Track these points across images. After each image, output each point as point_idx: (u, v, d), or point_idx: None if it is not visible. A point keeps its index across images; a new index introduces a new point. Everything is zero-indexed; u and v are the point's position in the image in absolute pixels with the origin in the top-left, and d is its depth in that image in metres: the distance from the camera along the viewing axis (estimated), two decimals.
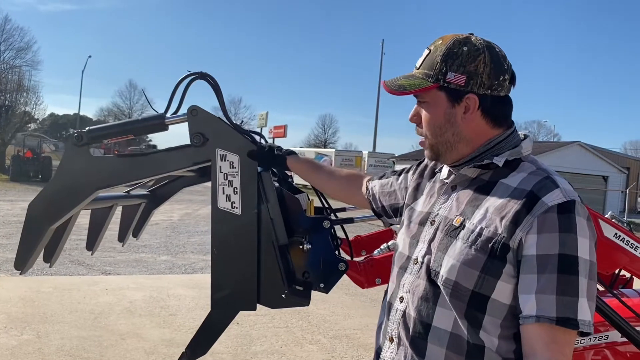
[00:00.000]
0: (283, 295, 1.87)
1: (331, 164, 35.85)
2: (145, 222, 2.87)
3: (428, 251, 1.40)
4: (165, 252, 9.88)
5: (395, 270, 1.53)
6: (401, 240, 1.56)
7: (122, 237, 2.82)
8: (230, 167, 1.81)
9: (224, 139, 1.82)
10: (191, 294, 6.85)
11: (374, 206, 1.86)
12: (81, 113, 62.64)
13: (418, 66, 1.43)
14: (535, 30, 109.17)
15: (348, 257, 2.34)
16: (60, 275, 7.47)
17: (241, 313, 1.98)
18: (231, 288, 1.87)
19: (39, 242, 1.91)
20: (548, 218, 1.23)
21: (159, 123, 1.90)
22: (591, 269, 1.25)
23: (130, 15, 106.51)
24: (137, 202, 2.73)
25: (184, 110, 1.90)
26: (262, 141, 2.51)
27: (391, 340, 1.46)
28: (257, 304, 1.90)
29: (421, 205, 1.53)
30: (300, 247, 1.97)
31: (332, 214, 2.43)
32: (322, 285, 2.02)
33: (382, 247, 2.43)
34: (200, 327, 1.93)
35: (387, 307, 1.53)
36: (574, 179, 26.19)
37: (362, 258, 2.27)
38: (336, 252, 2.34)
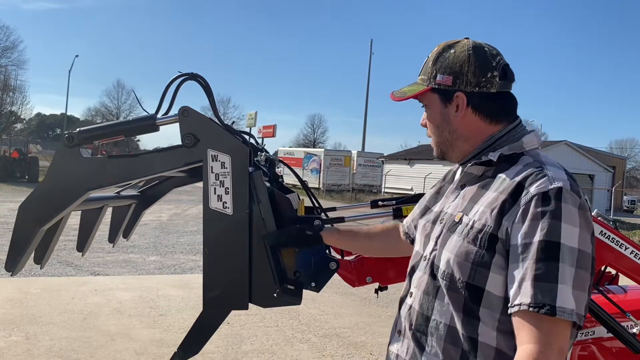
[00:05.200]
0: (275, 295, 1.89)
1: (320, 164, 35.94)
2: (135, 222, 2.86)
3: (434, 248, 1.45)
4: (155, 252, 9.84)
5: (409, 268, 1.58)
6: (417, 239, 1.61)
7: (112, 238, 2.82)
8: (221, 168, 1.82)
9: (215, 139, 1.82)
10: (181, 294, 6.83)
11: (413, 236, 1.75)
12: (68, 113, 61.99)
13: (419, 74, 1.55)
14: (522, 31, 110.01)
15: (338, 256, 2.36)
16: (49, 276, 7.41)
17: (231, 312, 1.99)
18: (223, 287, 1.88)
19: (29, 244, 1.91)
20: (531, 206, 1.25)
21: (150, 124, 1.91)
22: (581, 257, 1.22)
23: (116, 14, 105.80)
24: (127, 203, 2.73)
25: (174, 111, 1.90)
26: (253, 141, 2.53)
27: (399, 333, 1.55)
28: (249, 303, 1.91)
29: (437, 206, 1.57)
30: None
31: (322, 214, 2.45)
32: (313, 284, 2.04)
33: None
34: (192, 327, 1.94)
35: (399, 302, 1.59)
36: None
37: (352, 257, 2.29)
38: (327, 251, 2.36)
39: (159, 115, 1.92)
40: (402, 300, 1.57)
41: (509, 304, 1.25)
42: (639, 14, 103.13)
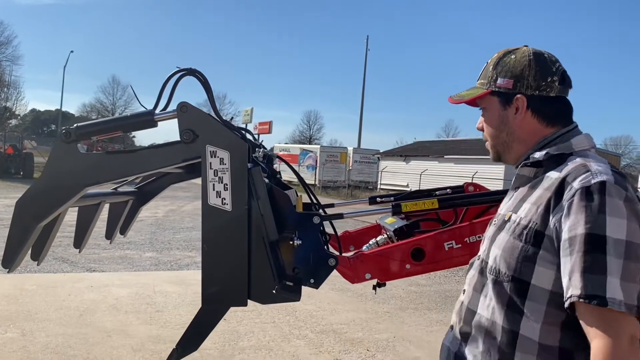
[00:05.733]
0: (274, 291, 1.88)
1: (316, 160, 35.90)
2: (132, 219, 2.86)
3: (486, 247, 1.53)
4: (151, 248, 9.82)
5: (467, 268, 1.66)
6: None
7: (109, 235, 2.81)
8: (220, 164, 1.81)
9: (214, 135, 1.82)
10: (177, 290, 6.82)
11: None
12: (63, 109, 61.92)
13: (477, 79, 1.62)
14: (519, 28, 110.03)
15: (337, 253, 2.35)
16: (44, 272, 7.38)
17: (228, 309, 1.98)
18: (222, 284, 1.88)
19: (27, 240, 1.90)
20: (575, 201, 1.28)
21: (149, 119, 1.90)
22: (629, 249, 1.23)
23: (112, 9, 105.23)
24: (124, 199, 2.72)
25: (173, 106, 1.89)
26: (251, 138, 2.52)
27: (451, 328, 1.66)
28: (248, 300, 1.90)
29: (504, 210, 1.60)
30: (291, 242, 1.98)
31: (320, 210, 2.44)
32: (312, 280, 2.04)
33: (370, 242, 2.45)
34: (190, 324, 1.93)
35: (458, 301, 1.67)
36: None
37: (351, 253, 2.28)
38: (325, 247, 2.35)
39: (157, 111, 1.91)
40: (458, 298, 1.66)
41: (564, 297, 1.27)
42: (631, 12, 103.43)
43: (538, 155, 1.46)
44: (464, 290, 1.60)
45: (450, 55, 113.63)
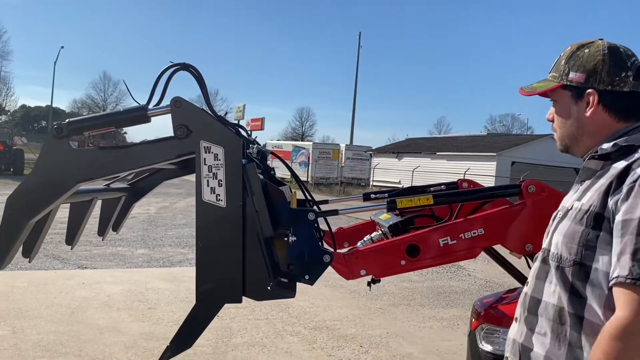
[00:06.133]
0: (269, 288, 1.87)
1: (309, 157, 35.89)
2: (125, 215, 2.83)
3: (550, 237, 1.52)
4: (143, 245, 9.77)
5: (534, 262, 1.64)
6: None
7: (102, 231, 2.78)
8: (214, 160, 1.79)
9: (208, 130, 1.80)
10: (170, 287, 6.79)
11: None
12: (54, 105, 61.31)
13: (549, 71, 1.62)
14: (509, 25, 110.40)
15: (331, 249, 2.34)
16: (35, 269, 7.32)
17: None
18: (216, 281, 1.86)
19: (18, 237, 1.87)
20: (636, 185, 1.29)
21: (142, 115, 1.88)
22: None
23: (103, 5, 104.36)
24: (117, 196, 2.69)
25: (166, 102, 1.87)
26: (245, 134, 2.50)
27: (515, 320, 1.61)
28: (243, 297, 1.89)
29: (562, 204, 1.60)
30: (285, 239, 1.97)
31: (314, 206, 2.43)
32: (307, 277, 2.03)
33: (365, 238, 2.45)
34: (184, 321, 1.92)
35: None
36: (547, 171, 26.58)
37: (345, 250, 2.27)
38: (320, 244, 2.34)
39: (150, 106, 1.89)
40: (522, 291, 1.63)
41: (609, 277, 1.29)
42: (610, 7, 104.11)
43: (606, 146, 1.45)
44: (527, 282, 1.59)
45: (444, 53, 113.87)
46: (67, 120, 1.87)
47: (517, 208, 2.09)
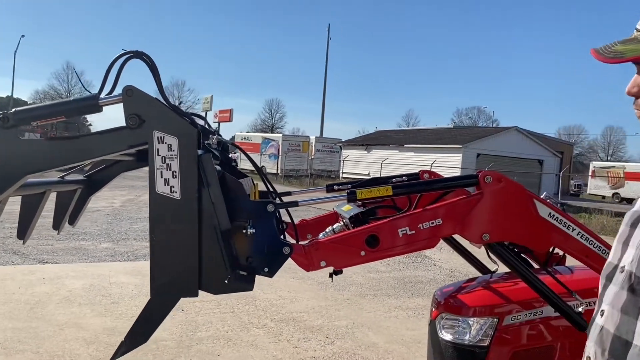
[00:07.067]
0: (226, 281, 1.84)
1: (278, 149, 35.77)
2: (82, 208, 2.75)
3: (635, 256, 1.16)
4: (107, 239, 9.58)
5: (601, 282, 1.28)
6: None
7: (57, 225, 2.70)
8: (168, 150, 1.75)
9: (162, 120, 1.75)
10: (134, 281, 6.68)
11: None
12: (15, 95, 59.47)
13: (636, 29, 1.21)
14: (475, 20, 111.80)
15: (293, 241, 2.33)
16: None
17: (186, 299, 1.93)
18: (172, 274, 1.82)
19: None
20: None
21: (93, 104, 1.81)
22: None
23: None
24: (72, 188, 2.61)
25: (119, 90, 1.81)
26: (205, 125, 2.46)
27: (588, 359, 1.24)
28: (199, 290, 1.86)
29: (638, 204, 1.27)
30: (244, 231, 1.94)
31: (277, 198, 2.41)
32: (266, 269, 2.01)
33: (327, 230, 2.44)
34: (139, 316, 1.88)
35: (590, 324, 1.28)
36: (512, 163, 27.22)
37: (306, 241, 2.26)
38: (282, 236, 2.32)
39: (102, 95, 1.83)
40: (592, 321, 1.26)
41: None
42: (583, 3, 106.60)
43: None
44: (602, 312, 1.20)
45: (413, 45, 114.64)
46: (13, 110, 1.79)
47: (474, 198, 2.11)
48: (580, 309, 2.31)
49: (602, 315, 1.20)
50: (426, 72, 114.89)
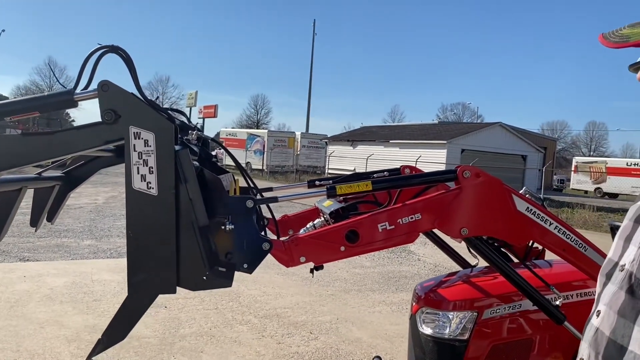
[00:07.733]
0: (204, 277, 1.83)
1: (264, 145, 35.64)
2: (60, 205, 2.71)
3: (636, 255, 1.10)
4: (90, 236, 9.48)
5: (599, 279, 1.22)
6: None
7: (34, 222, 2.66)
8: (145, 146, 1.73)
9: (138, 115, 1.73)
10: (117, 278, 6.62)
11: None
12: None
13: None
14: (459, 14, 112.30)
15: (274, 237, 2.32)
16: None
17: (169, 296, 1.92)
18: (149, 271, 1.81)
19: None
20: None
21: (68, 99, 1.79)
22: None
23: None
24: (50, 185, 2.58)
25: (95, 85, 1.79)
26: (186, 120, 2.44)
27: None
28: (177, 287, 1.84)
29: None
30: (223, 227, 1.93)
31: (257, 194, 2.40)
32: (245, 265, 2.00)
33: (308, 225, 2.44)
34: (117, 313, 1.86)
35: (586, 324, 1.21)
36: (495, 158, 27.45)
37: (286, 237, 2.26)
38: (262, 232, 2.32)
39: (77, 90, 1.81)
40: (587, 321, 1.20)
41: None
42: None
43: None
44: (598, 312, 1.14)
45: (399, 41, 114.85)
46: None
47: (452, 193, 2.12)
48: (557, 302, 2.34)
49: (597, 316, 1.14)
50: (412, 68, 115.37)
